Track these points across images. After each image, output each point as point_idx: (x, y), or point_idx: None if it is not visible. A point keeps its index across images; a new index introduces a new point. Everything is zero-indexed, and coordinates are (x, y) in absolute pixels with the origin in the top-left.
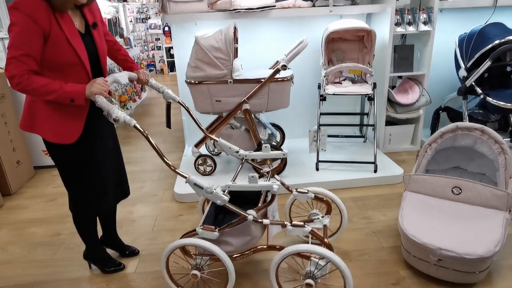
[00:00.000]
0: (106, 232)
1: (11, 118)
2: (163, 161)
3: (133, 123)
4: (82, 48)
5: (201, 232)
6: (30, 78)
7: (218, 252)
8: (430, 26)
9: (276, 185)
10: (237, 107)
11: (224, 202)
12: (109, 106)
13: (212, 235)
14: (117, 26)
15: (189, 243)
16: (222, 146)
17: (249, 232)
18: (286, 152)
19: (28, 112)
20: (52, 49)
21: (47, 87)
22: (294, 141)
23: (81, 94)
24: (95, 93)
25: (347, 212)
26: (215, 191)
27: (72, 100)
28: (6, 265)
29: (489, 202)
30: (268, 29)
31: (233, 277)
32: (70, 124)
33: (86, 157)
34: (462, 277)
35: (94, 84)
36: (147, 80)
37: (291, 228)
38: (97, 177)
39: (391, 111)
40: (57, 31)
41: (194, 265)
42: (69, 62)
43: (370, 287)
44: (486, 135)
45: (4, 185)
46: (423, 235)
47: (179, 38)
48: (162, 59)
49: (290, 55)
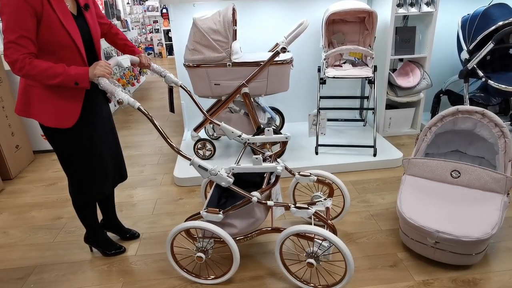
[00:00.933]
0: (106, 215)
1: (9, 102)
2: (167, 143)
3: (137, 105)
4: (75, 30)
5: (206, 215)
6: (32, 63)
7: (222, 234)
8: (433, 7)
9: (280, 167)
10: (236, 90)
11: (228, 184)
12: (113, 88)
13: (217, 217)
14: (114, 8)
15: (194, 226)
16: (225, 130)
17: (253, 214)
18: (289, 136)
19: (23, 97)
20: (46, 31)
21: (50, 71)
22: (294, 125)
23: (85, 77)
24: (98, 76)
25: (349, 194)
26: (220, 172)
27: (77, 83)
28: (7, 249)
29: (487, 186)
30: (267, 10)
31: (238, 259)
32: (67, 108)
33: (84, 141)
34: (459, 259)
35: (97, 67)
36: (149, 64)
37: (295, 210)
38: (96, 161)
39: (391, 95)
40: (50, 12)
41: (198, 247)
42: (63, 44)
43: (368, 269)
44: (487, 118)
45: (4, 169)
46: (421, 218)
47: (177, 20)
48: (160, 42)
49: (290, 38)
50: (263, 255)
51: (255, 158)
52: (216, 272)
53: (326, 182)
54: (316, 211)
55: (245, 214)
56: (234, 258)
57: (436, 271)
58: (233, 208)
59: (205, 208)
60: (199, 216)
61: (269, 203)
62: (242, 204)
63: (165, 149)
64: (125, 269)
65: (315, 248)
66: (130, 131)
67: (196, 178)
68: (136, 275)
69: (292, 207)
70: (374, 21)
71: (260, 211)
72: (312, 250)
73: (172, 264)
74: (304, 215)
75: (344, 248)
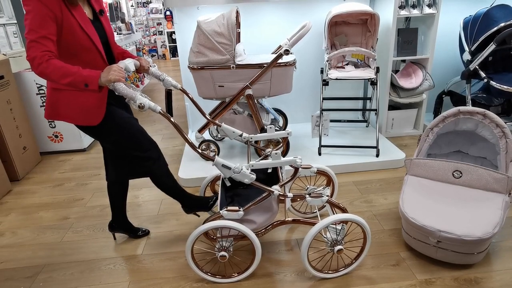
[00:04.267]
0: (115, 215)
1: (17, 104)
2: (191, 146)
3: (158, 109)
4: (94, 33)
5: (226, 214)
6: (49, 61)
7: (245, 231)
8: (435, 9)
9: (299, 159)
10: (240, 92)
11: (251, 180)
12: (132, 93)
13: (237, 215)
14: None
15: (216, 226)
16: (226, 130)
17: (270, 208)
18: (290, 131)
19: (50, 101)
20: (68, 35)
21: (63, 69)
22: (297, 126)
23: (95, 79)
24: (113, 81)
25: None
26: (243, 170)
27: (86, 85)
28: (16, 248)
29: (489, 186)
30: (271, 13)
31: (260, 253)
32: (92, 107)
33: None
34: (461, 258)
35: (110, 72)
36: (149, 67)
37: (311, 199)
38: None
39: (394, 96)
40: (69, 17)
41: (220, 247)
42: (85, 46)
43: (371, 268)
44: (488, 119)
45: (12, 170)
46: (423, 218)
47: (181, 23)
48: (164, 44)
49: (293, 40)
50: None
51: (275, 153)
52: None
53: (324, 173)
54: (328, 197)
55: (264, 209)
56: (257, 252)
57: (438, 270)
58: (253, 204)
59: (223, 208)
60: (219, 216)
61: (289, 195)
62: (263, 199)
63: (169, 151)
64: (131, 268)
65: (333, 235)
66: None
67: (200, 179)
68: (143, 274)
69: (308, 197)
70: (377, 23)
71: (276, 205)
72: (333, 238)
73: (192, 267)
74: (319, 203)
75: (362, 221)
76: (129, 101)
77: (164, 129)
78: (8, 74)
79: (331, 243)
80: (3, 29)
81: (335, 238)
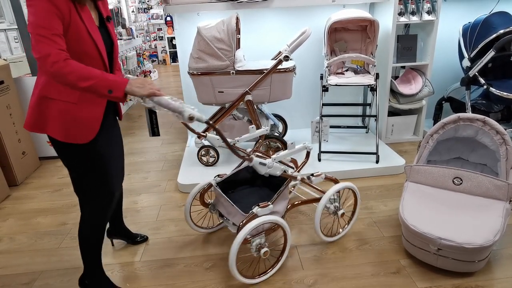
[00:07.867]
0: (113, 221)
1: (16, 109)
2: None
3: (204, 118)
4: (100, 40)
5: (259, 211)
6: (67, 60)
7: (279, 221)
8: (434, 16)
9: (309, 144)
10: (240, 98)
11: (282, 171)
12: (179, 105)
13: (268, 209)
14: (119, 16)
15: (257, 224)
16: (210, 139)
17: (287, 195)
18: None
19: (36, 111)
20: (73, 40)
21: (86, 70)
22: (296, 131)
23: (122, 86)
24: (151, 95)
25: None
26: (274, 163)
27: (110, 91)
28: (13, 254)
29: (489, 193)
30: (270, 19)
31: (290, 237)
32: (86, 124)
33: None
34: (462, 266)
35: (146, 85)
36: None
37: (314, 178)
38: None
39: (393, 102)
40: (78, 21)
41: (257, 246)
42: (89, 54)
43: (371, 275)
44: (488, 126)
45: (11, 175)
46: (423, 225)
47: (181, 29)
48: (164, 50)
49: (293, 46)
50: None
51: (290, 143)
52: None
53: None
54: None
55: (283, 197)
56: (288, 237)
57: (439, 278)
58: (278, 194)
59: (255, 206)
60: (252, 217)
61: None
62: (284, 188)
63: (169, 156)
64: (129, 275)
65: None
66: (134, 137)
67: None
68: (141, 281)
69: (312, 177)
70: (376, 29)
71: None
72: (334, 205)
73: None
74: (320, 180)
75: (352, 185)
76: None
77: (164, 134)
78: (8, 79)
79: (333, 210)
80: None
81: (337, 205)
